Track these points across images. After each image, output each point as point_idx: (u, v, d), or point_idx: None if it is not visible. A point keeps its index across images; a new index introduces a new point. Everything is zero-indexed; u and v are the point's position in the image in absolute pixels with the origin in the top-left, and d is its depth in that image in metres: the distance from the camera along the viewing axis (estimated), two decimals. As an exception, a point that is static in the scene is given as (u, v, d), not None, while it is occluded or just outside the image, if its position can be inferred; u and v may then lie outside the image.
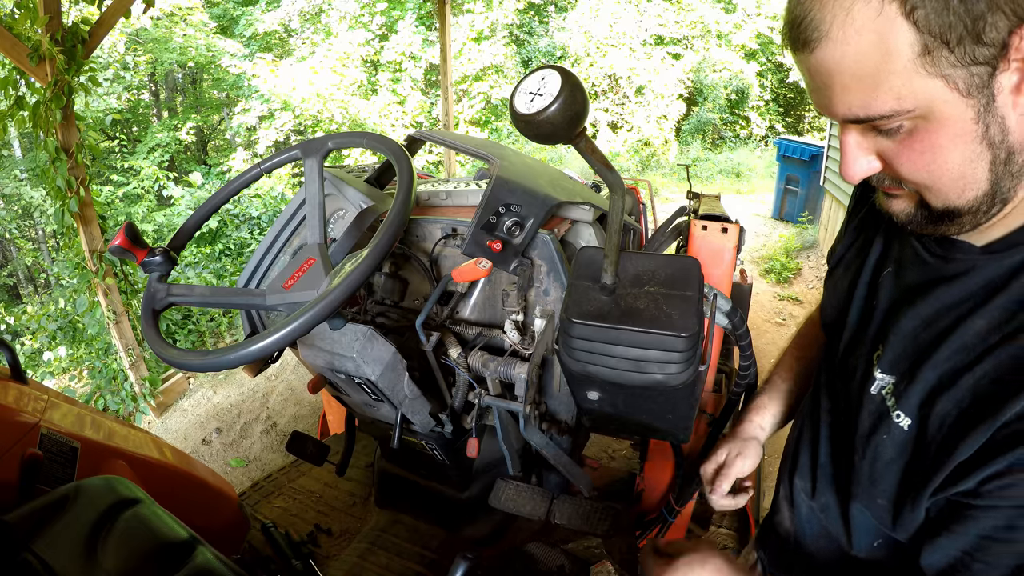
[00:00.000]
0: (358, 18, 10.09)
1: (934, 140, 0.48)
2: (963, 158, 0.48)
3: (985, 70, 0.44)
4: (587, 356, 0.72)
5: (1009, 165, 0.48)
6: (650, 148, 11.38)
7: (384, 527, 1.69)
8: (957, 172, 0.50)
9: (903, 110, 0.47)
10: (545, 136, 0.55)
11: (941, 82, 0.45)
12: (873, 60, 0.45)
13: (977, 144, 0.47)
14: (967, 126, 0.47)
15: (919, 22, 0.43)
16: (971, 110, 0.46)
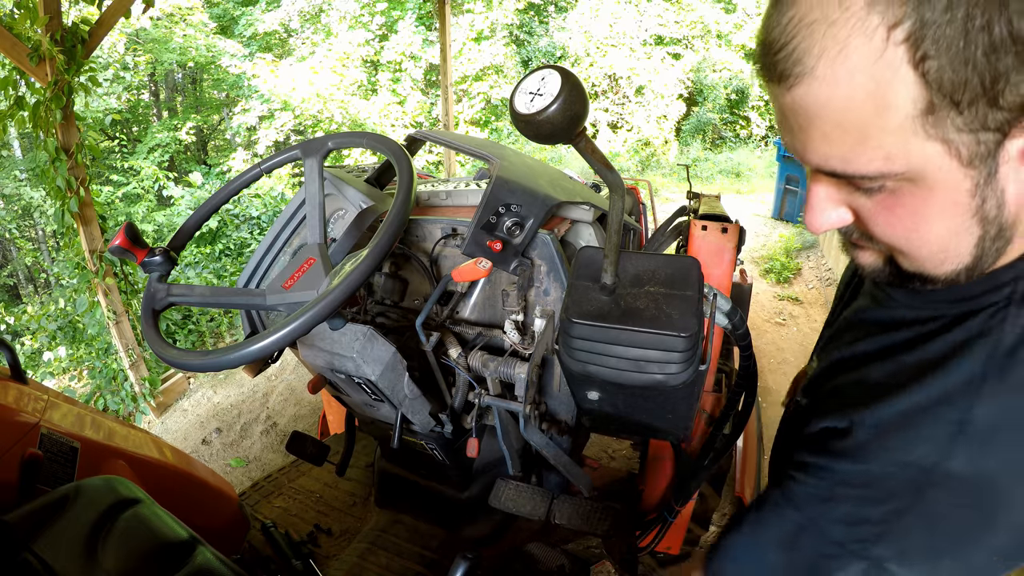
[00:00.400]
0: (358, 18, 10.09)
1: (919, 207, 0.42)
2: (948, 231, 0.43)
3: (994, 137, 0.37)
4: (587, 356, 0.72)
5: (997, 241, 0.44)
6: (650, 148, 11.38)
7: (384, 527, 1.69)
8: (938, 245, 0.45)
9: (891, 173, 0.41)
10: (545, 136, 0.55)
11: (942, 147, 0.38)
12: (865, 111, 0.38)
13: (968, 218, 0.42)
14: (961, 198, 0.41)
15: (929, 74, 0.35)
16: (969, 181, 0.40)
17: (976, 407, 0.45)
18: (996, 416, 0.45)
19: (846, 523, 0.51)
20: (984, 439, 0.45)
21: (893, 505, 0.48)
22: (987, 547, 0.47)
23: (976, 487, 0.46)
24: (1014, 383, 0.45)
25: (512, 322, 1.15)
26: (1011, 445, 0.45)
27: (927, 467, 0.47)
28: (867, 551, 0.49)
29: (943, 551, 0.48)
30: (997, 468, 0.45)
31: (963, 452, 0.46)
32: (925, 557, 0.49)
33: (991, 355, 0.46)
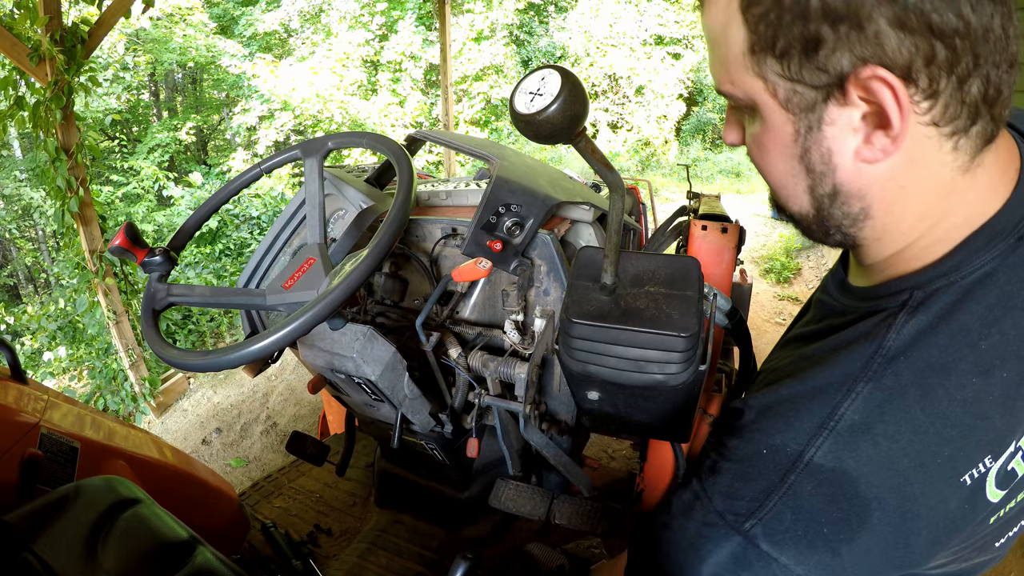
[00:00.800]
0: (358, 18, 10.08)
1: (764, 140, 0.50)
2: (785, 170, 0.49)
3: (813, 93, 0.43)
4: (587, 356, 0.72)
5: (836, 203, 0.48)
6: (650, 148, 11.37)
7: (384, 527, 1.69)
8: (780, 180, 0.51)
9: (736, 96, 0.48)
10: (545, 136, 0.55)
11: (762, 84, 0.45)
12: (721, 41, 0.47)
13: (795, 163, 0.48)
14: (786, 139, 0.47)
15: (749, 21, 0.43)
16: (791, 126, 0.46)
17: (844, 405, 0.46)
18: (862, 418, 0.46)
19: (726, 495, 0.52)
20: (847, 438, 0.46)
21: (762, 484, 0.49)
22: (863, 548, 0.47)
23: (838, 483, 0.46)
24: (886, 388, 0.45)
25: (512, 322, 1.15)
26: (873, 449, 0.45)
27: (792, 454, 0.48)
28: (741, 525, 0.50)
29: (813, 540, 0.48)
30: (859, 469, 0.45)
31: (826, 446, 0.46)
32: (794, 542, 0.48)
33: (871, 358, 0.47)
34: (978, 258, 0.46)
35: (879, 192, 0.46)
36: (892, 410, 0.45)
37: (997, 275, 0.45)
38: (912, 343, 0.46)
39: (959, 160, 0.44)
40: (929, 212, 0.47)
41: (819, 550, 0.48)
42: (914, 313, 0.47)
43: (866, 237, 0.51)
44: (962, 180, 0.45)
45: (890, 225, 0.48)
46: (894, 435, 0.45)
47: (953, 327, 0.45)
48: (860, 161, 0.44)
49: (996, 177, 0.47)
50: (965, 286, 0.46)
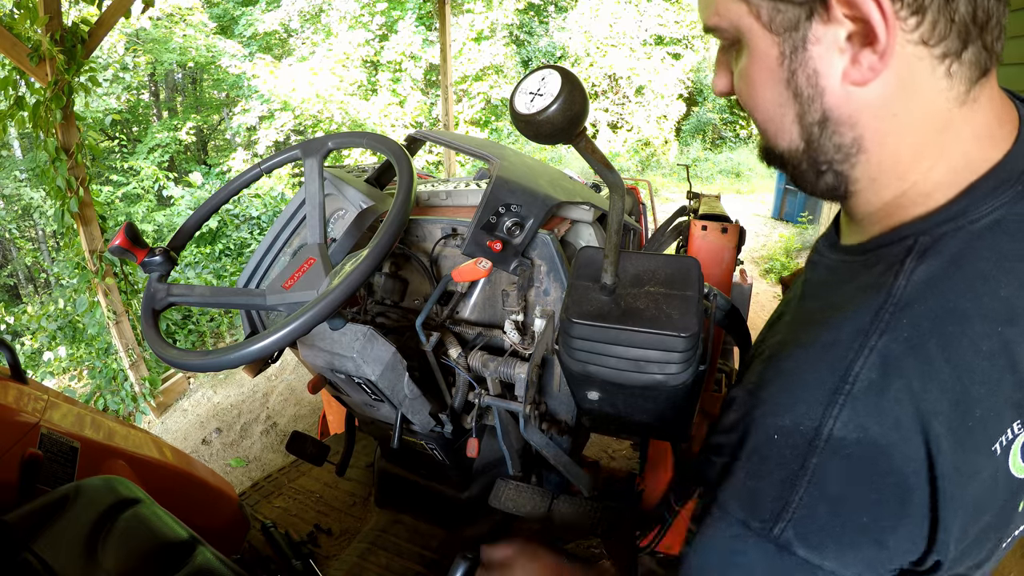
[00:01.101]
0: (358, 18, 10.08)
1: (750, 71, 0.47)
2: (772, 99, 0.47)
3: (796, 11, 0.42)
4: (587, 356, 0.72)
5: (826, 132, 0.45)
6: (650, 148, 11.38)
7: (384, 527, 1.69)
8: (768, 113, 0.48)
9: (722, 28, 0.47)
10: (545, 136, 0.55)
11: (744, 7, 0.44)
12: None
13: (783, 88, 0.45)
14: (772, 64, 0.45)
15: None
16: (776, 48, 0.44)
17: (858, 363, 0.41)
18: (880, 375, 0.40)
19: (744, 499, 0.46)
20: (868, 400, 0.40)
21: (780, 476, 0.43)
22: (908, 536, 0.41)
23: (868, 457, 0.40)
24: (903, 340, 0.40)
25: (512, 322, 1.15)
26: (899, 409, 0.40)
27: (807, 432, 0.42)
28: (769, 531, 0.44)
29: (855, 534, 0.42)
30: (887, 436, 0.40)
31: (845, 414, 0.41)
32: (835, 540, 0.42)
33: (881, 308, 0.42)
34: (985, 204, 0.42)
35: (871, 120, 0.43)
36: (914, 363, 0.40)
37: (1006, 222, 0.42)
38: (926, 289, 0.41)
39: (954, 89, 0.42)
40: (925, 148, 0.44)
41: (863, 545, 0.42)
42: (922, 258, 0.42)
43: (860, 178, 0.47)
44: (958, 114, 0.43)
45: (885, 162, 0.45)
46: (920, 392, 0.40)
47: (968, 272, 0.41)
48: (849, 83, 0.42)
49: (993, 122, 0.44)
50: (974, 231, 0.42)
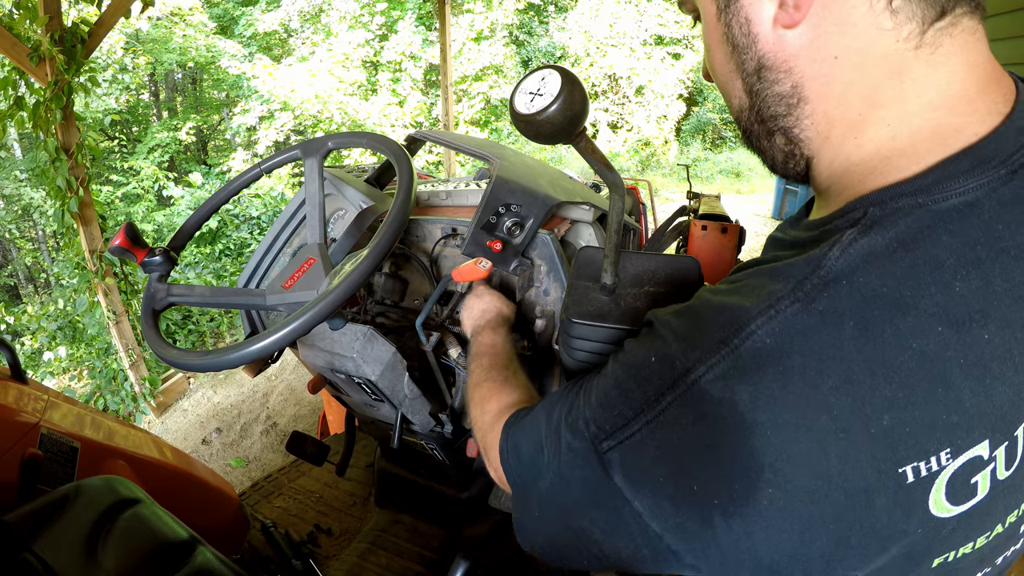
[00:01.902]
0: (358, 18, 10.09)
1: (704, 36, 0.49)
2: (721, 59, 0.47)
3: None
4: (587, 356, 0.72)
5: (764, 81, 0.43)
6: (650, 148, 11.38)
7: (384, 527, 1.69)
8: (722, 76, 0.48)
9: (685, 3, 0.50)
10: (545, 136, 0.55)
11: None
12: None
13: (724, 44, 0.46)
14: (713, 22, 0.46)
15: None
16: (713, 4, 0.45)
17: (756, 322, 0.36)
18: (775, 342, 0.36)
19: (599, 404, 0.44)
20: (750, 363, 0.36)
21: (635, 398, 0.41)
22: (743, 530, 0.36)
23: (723, 425, 0.36)
24: (816, 313, 0.35)
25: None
26: (781, 388, 0.35)
27: (678, 369, 0.39)
28: (600, 442, 0.42)
29: (677, 494, 0.38)
30: (755, 413, 0.35)
31: (720, 368, 0.37)
32: (652, 487, 0.39)
33: (805, 278, 0.37)
34: (958, 182, 0.35)
35: (808, 65, 0.40)
36: (818, 342, 0.34)
37: (981, 208, 0.35)
38: (859, 265, 0.35)
39: (902, 29, 0.37)
40: (878, 93, 0.39)
41: (683, 509, 0.38)
42: (866, 232, 0.36)
43: (811, 138, 0.43)
44: (914, 58, 0.38)
45: (832, 112, 0.41)
46: (814, 377, 0.34)
47: (917, 256, 0.34)
48: (780, 27, 0.40)
49: (968, 83, 0.38)
50: (938, 211, 0.35)
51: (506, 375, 0.75)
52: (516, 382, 0.73)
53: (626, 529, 0.41)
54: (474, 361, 0.82)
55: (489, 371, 0.76)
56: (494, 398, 0.69)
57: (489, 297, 0.99)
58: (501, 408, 0.66)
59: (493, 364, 0.78)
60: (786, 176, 0.49)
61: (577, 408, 0.47)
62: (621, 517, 0.41)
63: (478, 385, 0.74)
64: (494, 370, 0.76)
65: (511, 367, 0.78)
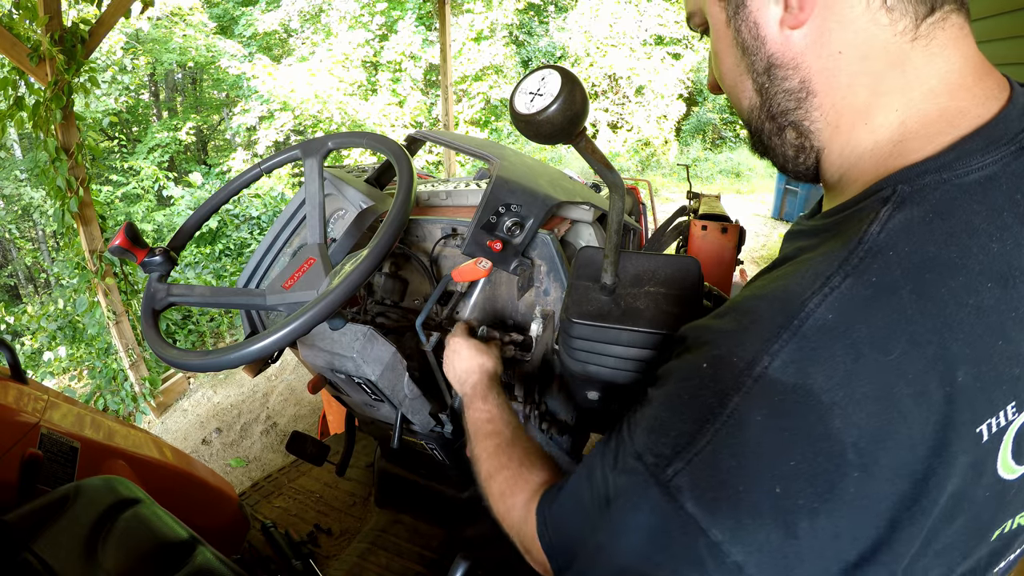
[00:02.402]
0: (358, 18, 10.09)
1: (713, 44, 0.51)
2: (731, 65, 0.50)
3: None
4: (587, 356, 0.72)
5: (774, 79, 0.46)
6: (650, 148, 11.38)
7: (384, 527, 1.69)
8: (731, 79, 0.51)
9: (691, 12, 0.52)
10: (545, 136, 0.55)
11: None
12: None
13: (735, 48, 0.48)
14: (723, 29, 0.48)
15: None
16: (723, 13, 0.48)
17: (813, 301, 0.36)
18: (838, 317, 0.35)
19: (650, 429, 0.41)
20: (817, 342, 0.35)
21: (695, 411, 0.38)
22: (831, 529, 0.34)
23: (801, 410, 0.34)
24: (872, 284, 0.36)
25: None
26: (854, 362, 0.34)
27: (739, 366, 0.37)
28: (662, 471, 0.38)
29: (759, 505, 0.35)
30: (831, 392, 0.34)
31: (786, 352, 0.35)
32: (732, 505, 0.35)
33: (850, 253, 0.37)
34: (975, 159, 0.38)
35: (814, 60, 0.43)
36: (881, 309, 0.34)
37: (1000, 180, 0.37)
38: (902, 235, 0.36)
39: (898, 24, 0.40)
40: (882, 82, 0.42)
41: (766, 520, 0.35)
42: (900, 207, 0.38)
43: (821, 129, 0.46)
44: (912, 50, 0.41)
45: (840, 103, 0.44)
46: (883, 343, 0.34)
47: (954, 223, 0.36)
48: (787, 28, 0.44)
49: (966, 71, 0.41)
50: (962, 185, 0.37)
51: (518, 454, 0.68)
52: (531, 457, 0.67)
53: (701, 567, 0.36)
54: (477, 445, 0.74)
55: (498, 455, 0.69)
56: (517, 487, 0.62)
57: (468, 353, 0.90)
58: (528, 496, 0.59)
59: (499, 446, 0.70)
60: (796, 173, 0.50)
61: (623, 451, 0.43)
62: (694, 554, 0.36)
63: (492, 477, 0.66)
64: (503, 453, 0.69)
65: (518, 440, 0.71)
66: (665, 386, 0.43)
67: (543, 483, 0.60)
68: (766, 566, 0.35)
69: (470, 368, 0.89)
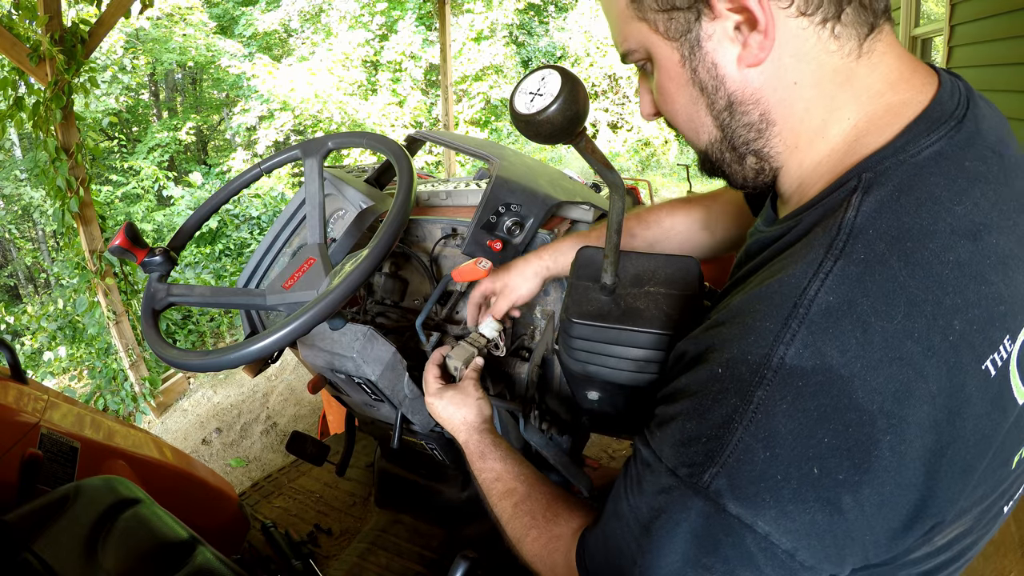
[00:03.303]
0: (358, 18, 10.09)
1: (661, 82, 0.51)
2: (684, 101, 0.50)
3: (685, 15, 0.46)
4: (587, 356, 0.72)
5: (735, 114, 0.48)
6: (650, 148, 11.37)
7: (384, 527, 1.69)
8: (685, 115, 0.52)
9: (632, 51, 0.51)
10: (545, 136, 0.55)
11: (646, 25, 0.48)
12: (610, 5, 0.51)
13: (690, 87, 0.49)
14: (677, 68, 0.48)
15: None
16: (676, 53, 0.48)
17: (812, 287, 0.38)
18: (839, 298, 0.37)
19: (678, 443, 0.42)
20: (826, 323, 0.37)
21: (720, 413, 0.39)
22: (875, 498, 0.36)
23: (824, 390, 0.36)
24: (861, 262, 0.38)
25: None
26: (863, 333, 0.36)
27: (755, 361, 0.38)
28: (699, 478, 0.39)
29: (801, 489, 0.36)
30: (849, 366, 0.36)
31: (799, 339, 0.37)
32: (773, 493, 0.37)
33: (832, 241, 0.40)
34: (924, 139, 0.42)
35: (772, 93, 0.46)
36: (876, 281, 0.37)
37: (947, 153, 0.42)
38: (876, 214, 0.39)
39: (845, 47, 0.44)
40: (835, 99, 0.45)
41: (810, 503, 0.36)
42: (868, 191, 0.41)
43: (780, 151, 0.48)
44: (857, 66, 0.44)
45: (799, 127, 0.47)
46: (886, 311, 0.36)
47: (918, 195, 0.40)
48: (745, 67, 0.45)
49: (903, 67, 0.45)
50: (918, 163, 0.41)
51: (540, 508, 0.65)
52: (554, 507, 0.64)
53: (752, 563, 0.38)
54: (494, 507, 0.71)
55: (519, 516, 0.66)
56: (551, 547, 0.60)
57: (447, 413, 0.86)
58: (565, 551, 0.58)
59: (517, 504, 0.67)
60: (753, 189, 0.54)
61: (650, 475, 0.44)
62: (743, 553, 0.38)
63: (521, 541, 0.64)
64: (524, 513, 0.66)
65: (534, 492, 0.68)
66: (682, 401, 0.43)
67: (576, 530, 0.59)
68: (816, 548, 0.37)
69: (454, 426, 0.86)
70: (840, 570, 0.39)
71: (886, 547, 0.39)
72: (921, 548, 0.42)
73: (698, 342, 0.45)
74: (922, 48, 3.77)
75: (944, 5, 3.14)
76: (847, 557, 0.38)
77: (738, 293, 0.45)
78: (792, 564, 0.38)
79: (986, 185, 0.41)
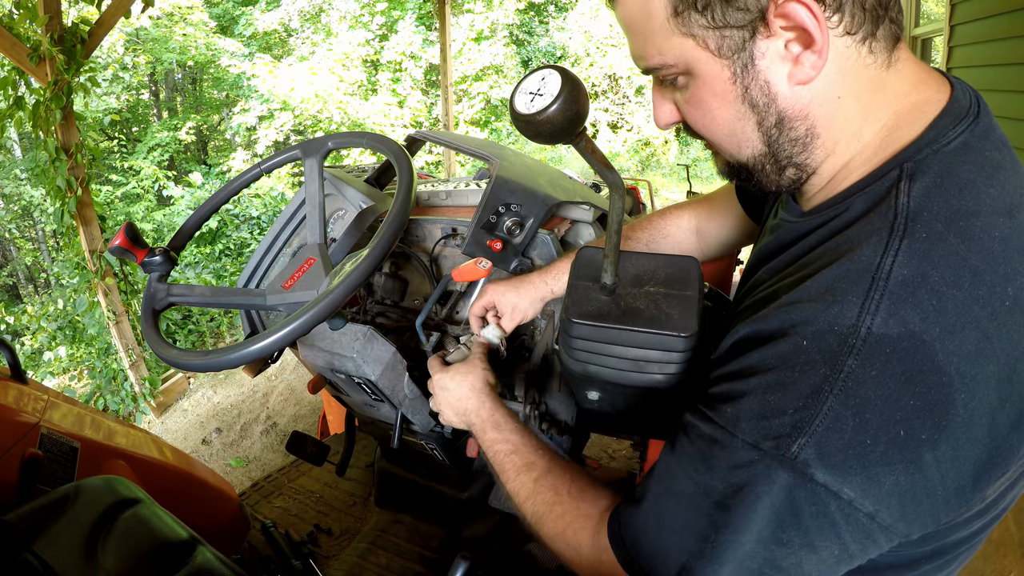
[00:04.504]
0: (358, 18, 10.08)
1: (702, 96, 0.51)
2: (731, 116, 0.51)
3: (739, 33, 0.46)
4: (587, 356, 0.72)
5: (783, 131, 0.50)
6: (650, 148, 11.37)
7: (384, 527, 1.69)
8: (728, 129, 0.52)
9: (666, 64, 0.51)
10: (545, 136, 0.55)
11: (692, 41, 0.48)
12: (641, 19, 0.50)
13: (740, 104, 0.49)
14: (725, 86, 0.49)
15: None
16: (727, 70, 0.48)
17: (886, 261, 0.41)
18: (912, 271, 0.41)
19: (758, 416, 0.43)
20: (905, 293, 0.40)
21: (808, 383, 0.41)
22: (951, 453, 0.40)
23: (911, 355, 0.39)
24: (923, 240, 0.42)
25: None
26: (938, 301, 0.40)
27: (843, 331, 0.41)
28: (787, 449, 0.40)
29: (888, 451, 0.39)
30: (930, 331, 0.39)
31: (884, 308, 0.40)
32: (860, 460, 0.39)
33: (892, 223, 0.44)
34: (951, 131, 0.47)
35: (819, 108, 0.48)
36: (940, 255, 0.41)
37: (972, 143, 0.46)
38: (927, 198, 0.44)
39: (879, 59, 0.48)
40: (871, 108, 0.49)
41: (895, 465, 0.39)
42: (913, 178, 0.45)
43: (819, 160, 0.51)
44: (888, 74, 0.48)
45: (838, 135, 0.50)
46: (954, 280, 0.40)
47: (958, 180, 0.44)
48: (796, 84, 0.47)
49: (920, 70, 0.50)
50: (949, 152, 0.46)
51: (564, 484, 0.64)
52: (579, 484, 0.64)
53: (832, 530, 0.41)
54: (509, 482, 0.70)
55: (541, 492, 0.65)
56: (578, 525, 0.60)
57: (453, 382, 0.84)
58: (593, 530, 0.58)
59: (538, 480, 0.66)
60: (785, 192, 0.56)
61: (720, 450, 0.45)
62: (825, 521, 0.41)
63: (543, 518, 0.63)
64: (546, 488, 0.65)
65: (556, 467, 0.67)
66: (759, 376, 0.44)
67: (604, 511, 0.59)
68: (895, 508, 0.40)
69: (462, 395, 0.83)
70: (910, 531, 0.42)
71: (956, 503, 0.42)
72: (975, 506, 0.45)
73: (768, 321, 0.46)
74: (922, 48, 3.77)
75: (944, 5, 3.14)
76: (921, 515, 0.41)
77: (790, 277, 0.49)
78: (871, 526, 0.41)
79: (1006, 172, 0.46)
